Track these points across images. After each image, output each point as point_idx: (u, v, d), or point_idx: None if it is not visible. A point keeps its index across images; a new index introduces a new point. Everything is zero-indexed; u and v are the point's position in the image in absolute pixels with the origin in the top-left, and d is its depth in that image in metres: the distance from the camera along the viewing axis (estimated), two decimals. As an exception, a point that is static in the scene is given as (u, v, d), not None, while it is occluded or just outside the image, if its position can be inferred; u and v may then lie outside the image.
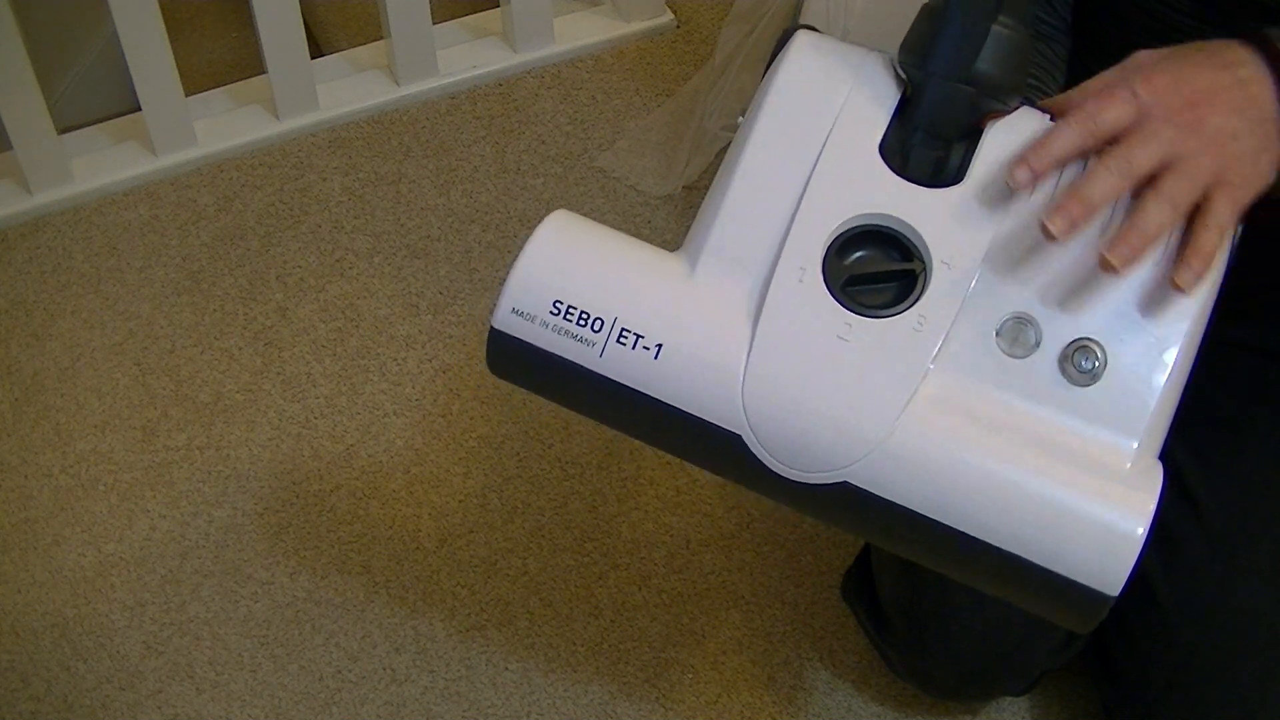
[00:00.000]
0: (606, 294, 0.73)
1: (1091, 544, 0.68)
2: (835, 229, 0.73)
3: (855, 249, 0.73)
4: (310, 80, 1.61)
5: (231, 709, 1.18)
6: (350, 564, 1.27)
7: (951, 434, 0.70)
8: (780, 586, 1.25)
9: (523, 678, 1.20)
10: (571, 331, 0.73)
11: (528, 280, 0.74)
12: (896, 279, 0.72)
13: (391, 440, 1.35)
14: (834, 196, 0.73)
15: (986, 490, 0.69)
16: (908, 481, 0.70)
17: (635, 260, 0.76)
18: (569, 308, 0.73)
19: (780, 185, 0.74)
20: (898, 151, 0.74)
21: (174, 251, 1.52)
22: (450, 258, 1.50)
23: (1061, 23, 0.94)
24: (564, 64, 1.70)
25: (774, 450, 0.71)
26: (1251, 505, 0.98)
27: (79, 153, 1.58)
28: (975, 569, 0.71)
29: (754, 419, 0.71)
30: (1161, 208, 0.70)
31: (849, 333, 0.71)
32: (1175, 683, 0.97)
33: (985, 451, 0.69)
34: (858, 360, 0.71)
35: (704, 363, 0.72)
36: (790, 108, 0.75)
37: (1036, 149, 0.71)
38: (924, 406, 0.70)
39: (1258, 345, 1.01)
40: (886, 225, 0.73)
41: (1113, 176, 0.70)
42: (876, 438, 0.70)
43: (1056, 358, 0.71)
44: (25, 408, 1.39)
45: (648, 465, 1.33)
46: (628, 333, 0.72)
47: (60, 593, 1.25)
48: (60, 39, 1.70)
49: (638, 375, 0.73)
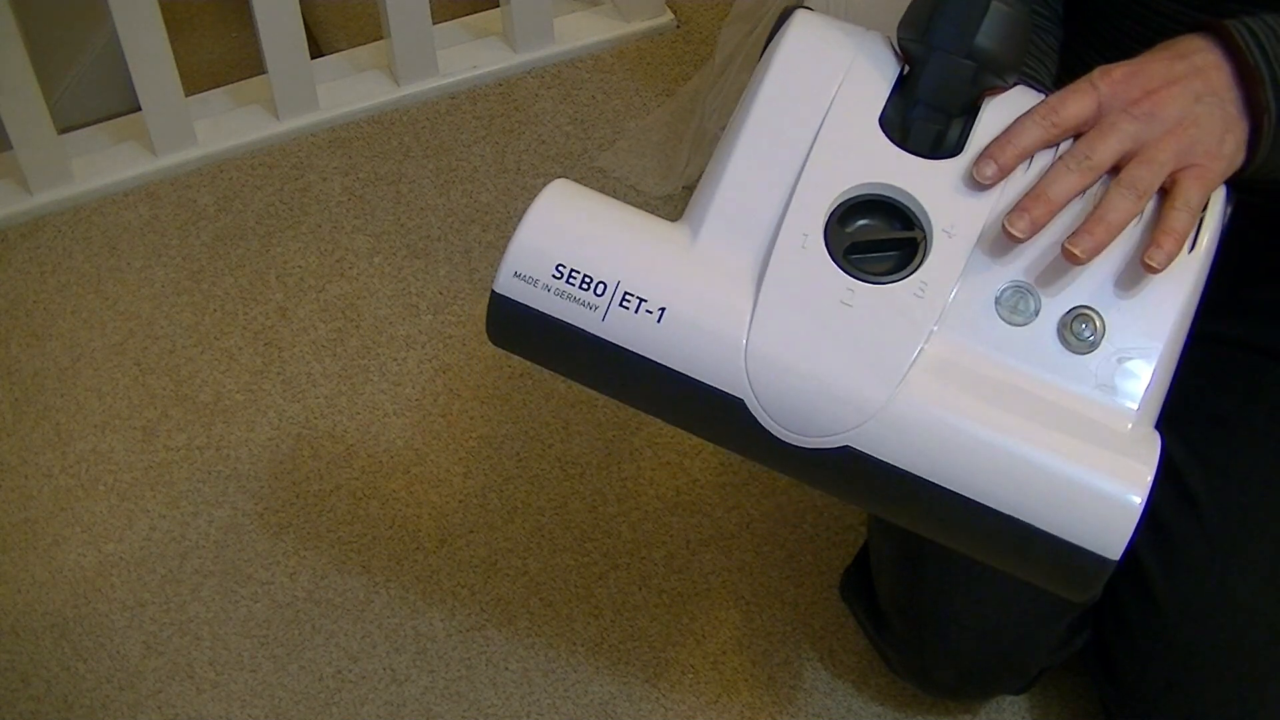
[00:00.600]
0: (610, 258, 0.73)
1: (1092, 508, 0.68)
2: (837, 197, 0.73)
3: (857, 218, 0.74)
4: (310, 80, 1.61)
5: (231, 709, 1.18)
6: (350, 564, 1.27)
7: (954, 399, 0.70)
8: (780, 586, 1.25)
9: (523, 678, 1.20)
10: (574, 295, 0.73)
11: (531, 243, 0.74)
12: (898, 247, 0.73)
13: (391, 440, 1.35)
14: (835, 166, 0.74)
15: (988, 454, 0.69)
16: (910, 446, 0.70)
17: (638, 226, 0.76)
18: (572, 271, 0.73)
19: (782, 155, 0.75)
20: (898, 125, 0.75)
21: (174, 251, 1.52)
22: (450, 258, 1.50)
23: (1053, 14, 0.95)
24: (564, 64, 1.70)
25: (776, 415, 0.71)
26: (1251, 504, 0.98)
27: (79, 153, 1.58)
28: (976, 535, 0.71)
29: (756, 383, 0.71)
30: (1124, 196, 0.72)
31: (851, 298, 0.71)
32: (1174, 682, 0.97)
33: (987, 416, 0.70)
34: (860, 326, 0.71)
35: (707, 327, 0.72)
36: (791, 81, 0.76)
37: (1000, 143, 0.73)
38: (926, 371, 0.71)
39: (1257, 345, 1.01)
40: (888, 195, 0.74)
41: (1073, 174, 0.72)
42: (879, 402, 0.70)
43: (1056, 326, 0.72)
44: (25, 408, 1.39)
45: (648, 465, 1.33)
46: (631, 296, 0.72)
47: (60, 593, 1.25)
48: (60, 39, 1.70)
49: (640, 339, 0.72)
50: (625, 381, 0.75)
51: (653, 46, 1.73)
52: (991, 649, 1.03)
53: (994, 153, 0.73)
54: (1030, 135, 0.73)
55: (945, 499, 0.70)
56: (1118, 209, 0.72)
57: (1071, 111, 0.74)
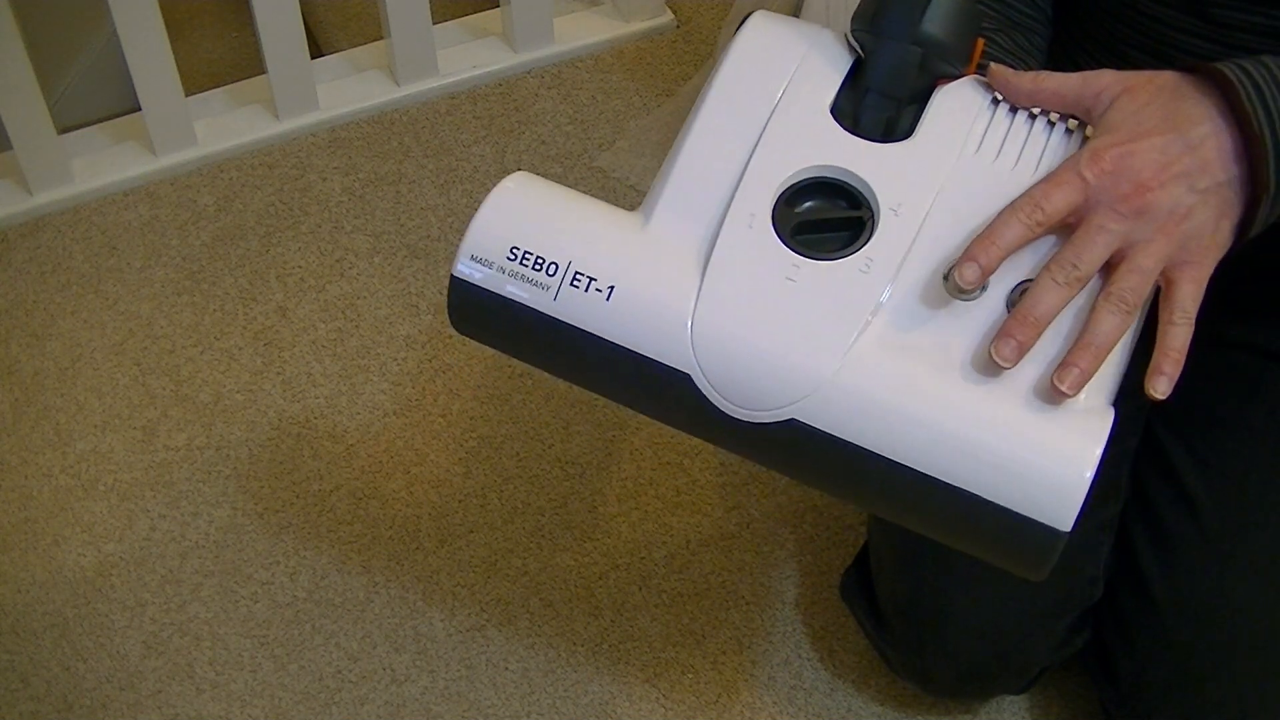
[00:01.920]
0: (561, 240, 0.76)
1: (1042, 478, 0.68)
2: (785, 180, 0.75)
3: (805, 199, 0.75)
4: (310, 80, 1.61)
5: (231, 709, 1.19)
6: (350, 564, 1.27)
7: (899, 370, 0.70)
8: (780, 586, 1.25)
9: (523, 678, 1.20)
10: (527, 276, 0.75)
11: (487, 228, 0.77)
12: (845, 228, 0.74)
13: (391, 440, 1.35)
14: (785, 151, 0.76)
15: (935, 424, 0.69)
16: (856, 417, 0.70)
17: (592, 212, 0.78)
18: (525, 253, 0.76)
19: (733, 142, 0.77)
20: (849, 112, 0.76)
21: (174, 251, 1.52)
22: (450, 258, 1.50)
23: (1041, 13, 0.94)
24: (564, 64, 1.70)
25: (722, 389, 0.73)
26: (1249, 505, 0.98)
27: (79, 153, 1.58)
28: (925, 510, 0.71)
29: (702, 358, 0.73)
30: (1113, 313, 0.70)
31: (796, 274, 0.72)
32: (1173, 682, 0.97)
33: (933, 387, 0.70)
34: (805, 300, 0.72)
35: (654, 303, 0.74)
36: (745, 72, 0.79)
37: (983, 243, 0.71)
38: (872, 343, 0.71)
39: (1255, 345, 1.01)
40: (835, 176, 0.75)
41: (1060, 289, 0.70)
42: (824, 374, 0.71)
43: (1004, 299, 0.73)
44: (25, 408, 1.39)
45: (648, 465, 1.33)
46: (581, 276, 0.75)
47: (60, 593, 1.26)
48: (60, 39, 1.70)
49: (590, 317, 0.75)
50: (577, 360, 0.77)
51: (653, 46, 1.73)
52: (991, 649, 1.03)
53: (976, 254, 0.71)
54: (1013, 233, 0.71)
55: (893, 472, 0.70)
56: (1107, 329, 0.70)
57: (1058, 205, 0.72)
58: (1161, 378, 0.71)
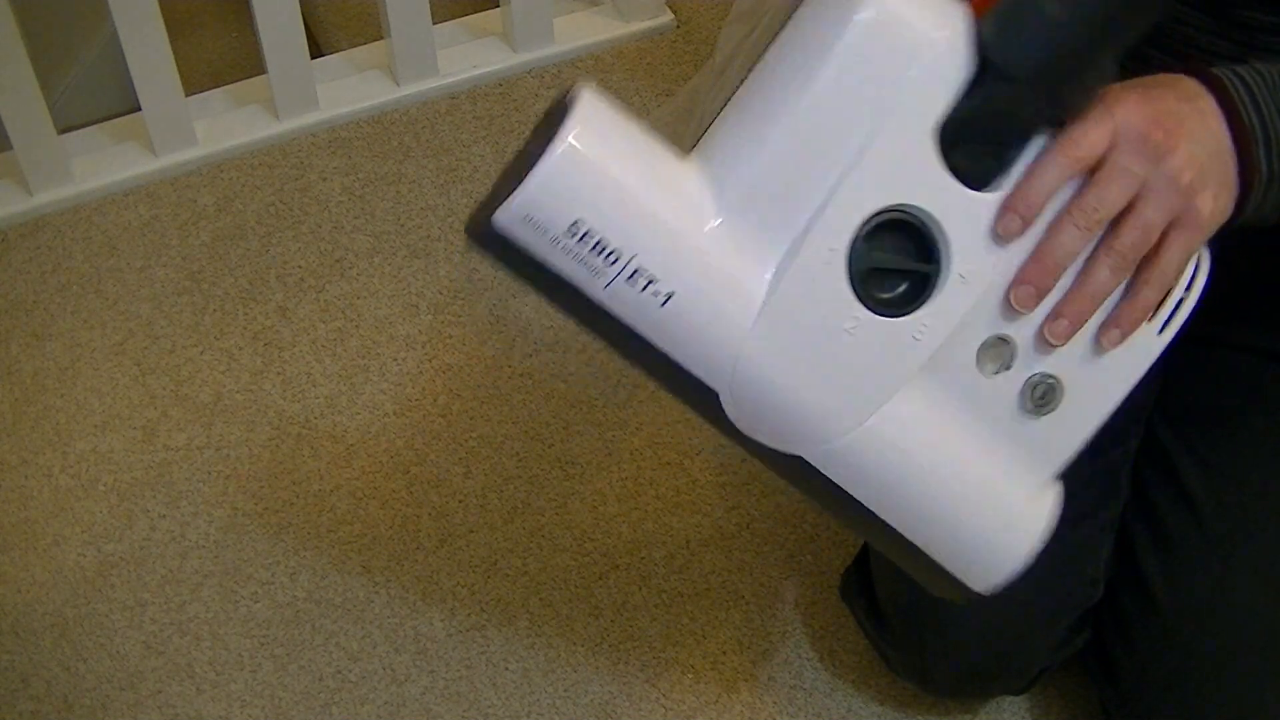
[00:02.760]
0: (629, 225, 0.68)
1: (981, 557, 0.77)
2: (873, 211, 0.69)
3: (882, 234, 0.70)
4: (310, 80, 1.61)
5: (231, 709, 1.18)
6: (350, 564, 1.27)
7: (903, 445, 0.74)
8: (780, 586, 1.25)
9: (523, 678, 1.20)
10: (583, 258, 0.68)
11: (551, 187, 0.67)
12: (910, 276, 0.71)
13: (391, 440, 1.35)
14: (881, 177, 0.69)
15: (915, 497, 0.75)
16: (854, 474, 0.74)
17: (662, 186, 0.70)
18: (587, 233, 0.67)
19: (834, 148, 0.68)
20: (951, 140, 0.69)
21: (174, 251, 1.52)
22: (450, 258, 1.50)
23: None
24: (564, 64, 1.70)
25: (745, 415, 0.73)
26: (1249, 505, 0.98)
27: (79, 153, 1.58)
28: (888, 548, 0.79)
29: (737, 386, 0.71)
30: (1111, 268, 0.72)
31: (855, 327, 0.70)
32: (1173, 682, 0.97)
33: (924, 466, 0.74)
34: (853, 357, 0.71)
35: (708, 326, 0.70)
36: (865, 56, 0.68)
37: (1022, 194, 0.70)
38: (890, 414, 0.73)
39: (1256, 347, 1.01)
40: (922, 220, 0.70)
41: (1080, 231, 0.71)
42: (841, 434, 0.73)
43: (1020, 385, 0.74)
44: (25, 408, 1.39)
45: (648, 465, 1.33)
46: (641, 273, 0.68)
47: (60, 593, 1.25)
48: (60, 39, 1.70)
49: (638, 317, 0.70)
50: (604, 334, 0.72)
51: (653, 46, 1.73)
52: (991, 649, 1.03)
53: (1016, 204, 0.70)
54: (1052, 176, 0.70)
55: (869, 518, 0.76)
56: (1103, 280, 0.72)
57: (1092, 143, 0.71)
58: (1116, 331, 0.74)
